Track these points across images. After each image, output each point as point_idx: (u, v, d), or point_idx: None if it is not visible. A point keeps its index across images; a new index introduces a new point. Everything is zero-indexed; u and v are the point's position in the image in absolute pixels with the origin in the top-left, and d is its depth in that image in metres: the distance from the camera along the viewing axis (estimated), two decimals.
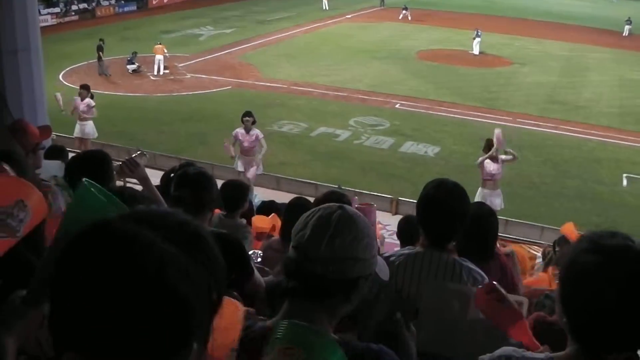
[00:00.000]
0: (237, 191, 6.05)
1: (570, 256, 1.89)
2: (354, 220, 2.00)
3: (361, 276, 1.99)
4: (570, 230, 6.33)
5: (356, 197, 10.42)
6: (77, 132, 17.26)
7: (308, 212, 2.07)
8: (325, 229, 1.95)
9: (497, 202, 13.39)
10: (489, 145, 13.60)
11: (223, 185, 5.92)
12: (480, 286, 2.98)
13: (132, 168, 4.03)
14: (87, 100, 17.20)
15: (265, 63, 32.62)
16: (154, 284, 1.09)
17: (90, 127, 17.35)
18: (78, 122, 17.25)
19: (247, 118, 14.46)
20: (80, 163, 4.31)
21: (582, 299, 1.83)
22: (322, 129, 22.25)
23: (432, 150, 20.71)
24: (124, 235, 1.13)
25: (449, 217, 3.17)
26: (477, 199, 13.07)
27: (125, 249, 1.11)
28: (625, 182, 18.95)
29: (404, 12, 49.14)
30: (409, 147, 20.92)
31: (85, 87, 17.46)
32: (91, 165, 4.14)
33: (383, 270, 2.24)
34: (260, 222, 6.63)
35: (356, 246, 1.95)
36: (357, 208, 4.02)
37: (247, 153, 14.65)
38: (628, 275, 1.77)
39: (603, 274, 1.78)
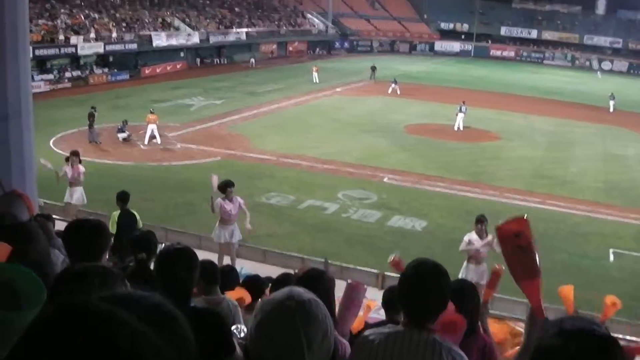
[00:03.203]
0: (210, 268, 6.06)
1: (538, 339, 1.94)
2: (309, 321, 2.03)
3: None
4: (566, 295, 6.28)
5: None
6: (67, 198, 17.26)
7: (260, 316, 2.06)
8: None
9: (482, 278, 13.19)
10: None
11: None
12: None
13: None
14: (80, 167, 17.24)
15: (254, 134, 32.92)
16: (128, 358, 1.14)
17: (79, 193, 17.33)
18: (69, 188, 17.26)
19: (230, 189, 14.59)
20: (77, 230, 4.11)
21: None
22: (309, 202, 22.28)
23: (419, 224, 20.72)
24: (100, 313, 1.19)
25: (426, 298, 3.17)
26: (461, 273, 13.03)
27: (100, 326, 1.16)
28: (612, 257, 18.96)
29: (393, 85, 49.77)
30: (396, 221, 20.94)
31: (76, 154, 17.46)
32: (89, 234, 4.04)
33: None
34: (230, 295, 6.60)
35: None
36: (348, 284, 4.09)
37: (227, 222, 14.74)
38: (588, 357, 1.81)
39: (565, 356, 1.82)
